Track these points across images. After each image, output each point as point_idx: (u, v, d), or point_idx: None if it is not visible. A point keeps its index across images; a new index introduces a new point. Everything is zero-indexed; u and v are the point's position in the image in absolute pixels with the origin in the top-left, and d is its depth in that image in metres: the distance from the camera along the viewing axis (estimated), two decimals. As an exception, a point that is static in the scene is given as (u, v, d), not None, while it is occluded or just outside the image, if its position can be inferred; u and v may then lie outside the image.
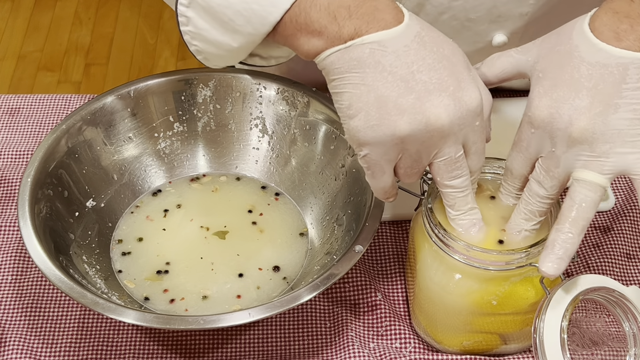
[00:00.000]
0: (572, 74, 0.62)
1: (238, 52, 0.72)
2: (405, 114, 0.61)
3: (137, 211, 0.82)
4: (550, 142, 0.63)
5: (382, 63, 0.61)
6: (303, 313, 0.77)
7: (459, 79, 0.62)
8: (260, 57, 0.76)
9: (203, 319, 0.64)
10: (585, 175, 0.61)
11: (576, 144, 0.61)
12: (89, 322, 0.76)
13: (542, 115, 0.62)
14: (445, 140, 0.62)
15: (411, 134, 0.61)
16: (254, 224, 0.81)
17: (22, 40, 2.37)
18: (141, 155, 0.83)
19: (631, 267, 0.80)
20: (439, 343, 0.73)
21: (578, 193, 0.62)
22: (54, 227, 0.74)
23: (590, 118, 0.60)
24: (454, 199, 0.65)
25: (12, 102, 0.97)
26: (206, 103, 0.84)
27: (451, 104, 0.61)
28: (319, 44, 0.63)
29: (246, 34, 0.68)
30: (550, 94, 0.62)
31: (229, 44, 0.70)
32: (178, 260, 0.77)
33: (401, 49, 0.61)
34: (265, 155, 0.84)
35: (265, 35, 0.68)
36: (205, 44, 0.72)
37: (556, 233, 0.62)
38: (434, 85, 0.61)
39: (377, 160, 0.63)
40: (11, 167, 0.89)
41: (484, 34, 0.85)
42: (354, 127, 0.62)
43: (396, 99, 0.61)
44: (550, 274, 0.62)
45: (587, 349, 0.67)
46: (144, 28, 2.42)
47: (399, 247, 0.82)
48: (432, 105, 0.61)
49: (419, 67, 0.61)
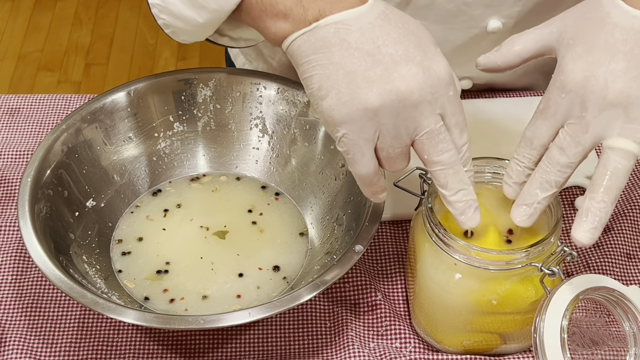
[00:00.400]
0: (606, 38, 0.61)
1: (204, 28, 0.72)
2: (374, 85, 0.60)
3: (137, 211, 0.82)
4: (581, 107, 0.61)
5: (347, 40, 0.61)
6: (303, 313, 0.77)
7: (426, 50, 0.62)
8: (229, 38, 0.76)
9: (203, 319, 0.64)
10: (619, 143, 0.60)
11: (610, 107, 0.60)
12: (89, 322, 0.76)
13: (577, 78, 0.61)
14: (421, 111, 0.61)
15: (383, 104, 0.60)
16: (254, 224, 0.81)
17: (22, 40, 2.37)
18: (141, 155, 0.83)
19: (631, 267, 0.80)
20: (439, 343, 0.73)
21: (612, 161, 0.60)
22: (54, 227, 0.74)
23: (626, 81, 0.60)
24: (445, 176, 0.63)
25: (12, 102, 0.97)
26: (206, 103, 0.84)
27: (419, 72, 0.60)
28: (285, 27, 0.63)
29: (211, 9, 0.69)
30: (585, 58, 0.61)
31: (194, 19, 0.71)
32: (178, 260, 0.77)
33: (366, 26, 0.61)
34: (265, 155, 0.84)
35: (229, 12, 0.68)
36: (173, 18, 0.73)
37: (589, 201, 0.60)
38: (400, 56, 0.61)
39: (354, 140, 0.62)
40: (11, 167, 0.89)
41: (479, 18, 0.85)
42: (327, 107, 0.62)
43: (364, 72, 0.60)
44: (585, 243, 0.60)
45: (587, 349, 0.67)
46: (144, 28, 2.42)
47: (399, 247, 0.82)
48: (400, 74, 0.60)
49: (384, 41, 0.61)
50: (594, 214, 0.60)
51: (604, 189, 0.60)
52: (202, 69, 0.83)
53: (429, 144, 0.62)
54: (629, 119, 0.60)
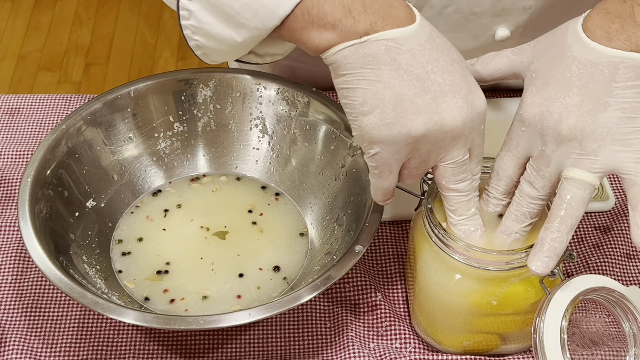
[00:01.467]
0: (563, 73, 0.62)
1: (241, 48, 0.71)
2: (421, 113, 0.60)
3: (137, 211, 0.82)
4: (541, 141, 0.63)
5: (398, 61, 0.60)
6: (303, 313, 0.77)
7: (469, 82, 0.62)
8: (255, 54, 0.75)
9: (203, 319, 0.64)
10: (575, 173, 0.62)
11: (566, 141, 0.61)
12: (89, 322, 0.76)
13: (533, 113, 0.63)
14: (456, 143, 0.62)
15: (426, 134, 0.61)
16: (254, 224, 0.81)
17: (22, 40, 2.37)
18: (141, 155, 0.83)
19: (631, 267, 0.80)
20: (439, 343, 0.73)
21: (567, 191, 0.62)
22: (54, 227, 0.74)
23: (579, 116, 0.61)
24: (457, 203, 0.65)
25: (12, 102, 0.97)
26: (206, 103, 0.84)
27: (465, 107, 0.61)
28: (331, 38, 0.62)
29: (252, 27, 0.67)
30: (542, 93, 0.63)
31: (232, 38, 0.69)
32: (178, 260, 0.77)
33: (416, 48, 0.61)
34: (265, 155, 0.84)
35: (272, 29, 0.66)
36: (207, 39, 0.71)
37: (545, 231, 0.62)
38: (448, 87, 0.61)
39: (386, 159, 0.63)
40: (11, 167, 0.89)
41: (487, 28, 0.85)
42: (368, 124, 0.62)
43: (412, 98, 0.60)
44: (539, 273, 0.62)
45: (587, 349, 0.67)
46: (144, 28, 2.42)
47: (399, 247, 0.82)
48: (448, 106, 0.61)
49: (433, 67, 0.61)
50: (549, 244, 0.62)
51: (559, 220, 0.62)
52: (202, 69, 0.83)
53: (451, 172, 0.64)
54: (585, 152, 0.61)
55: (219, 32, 0.69)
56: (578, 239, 0.83)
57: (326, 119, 0.80)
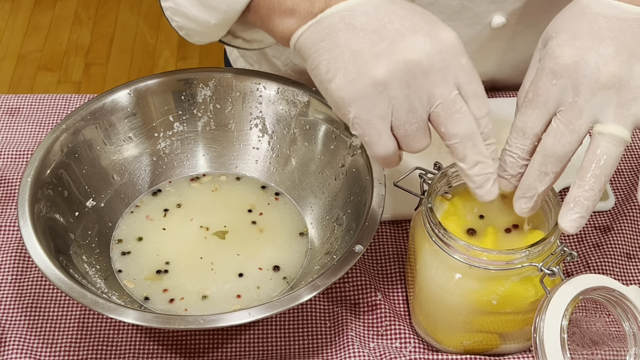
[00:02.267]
0: (591, 25, 0.61)
1: (217, 29, 0.73)
2: (381, 58, 0.59)
3: (137, 211, 0.82)
4: (573, 92, 0.61)
5: (353, 23, 0.61)
6: (303, 313, 0.77)
7: (432, 22, 0.61)
8: (243, 40, 0.77)
9: (203, 319, 0.64)
10: (610, 128, 0.60)
11: (603, 89, 0.60)
12: (89, 322, 0.76)
13: (567, 63, 0.61)
14: (432, 80, 0.60)
15: (391, 75, 0.59)
16: (254, 224, 0.81)
17: (22, 40, 2.37)
18: (141, 155, 0.83)
19: (631, 267, 0.80)
20: (439, 343, 0.73)
21: (602, 147, 0.60)
22: (54, 227, 0.74)
23: (617, 64, 0.60)
24: (464, 149, 0.61)
25: (12, 102, 0.97)
26: (206, 103, 0.84)
27: (427, 40, 0.60)
28: (292, 23, 0.63)
29: (222, 10, 0.69)
30: (573, 44, 0.61)
31: (206, 20, 0.71)
32: (178, 260, 0.77)
33: (371, 9, 0.61)
34: (265, 155, 0.84)
35: (239, 12, 0.68)
36: (185, 20, 0.73)
37: (577, 189, 0.60)
38: (406, 29, 0.60)
39: (367, 119, 0.61)
40: (11, 167, 0.89)
41: (483, 15, 0.85)
42: (336, 88, 0.61)
43: (370, 48, 0.60)
44: (570, 232, 0.61)
45: (587, 349, 0.67)
46: (144, 28, 2.42)
47: (399, 247, 0.82)
48: (407, 44, 0.59)
49: (390, 18, 0.60)
50: (581, 203, 0.60)
51: (594, 178, 0.60)
52: (202, 69, 0.83)
53: (444, 115, 0.61)
54: (620, 103, 0.60)
55: (194, 14, 0.72)
56: (578, 239, 0.83)
57: (326, 119, 0.80)
